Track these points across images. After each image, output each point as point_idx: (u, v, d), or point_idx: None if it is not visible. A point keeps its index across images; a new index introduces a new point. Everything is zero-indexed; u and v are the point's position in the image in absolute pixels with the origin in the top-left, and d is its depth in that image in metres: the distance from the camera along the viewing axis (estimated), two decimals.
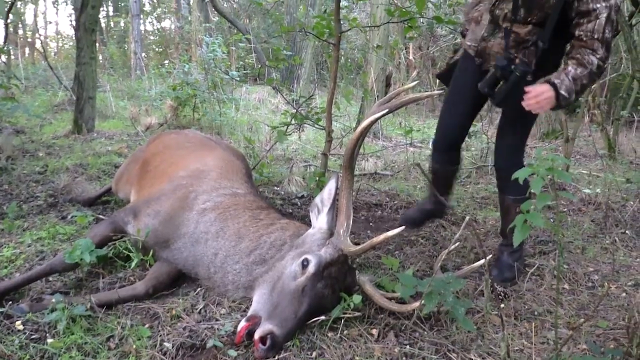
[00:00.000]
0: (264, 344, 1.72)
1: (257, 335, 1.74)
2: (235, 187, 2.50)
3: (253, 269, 2.11)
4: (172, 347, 1.83)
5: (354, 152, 2.15)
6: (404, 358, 1.89)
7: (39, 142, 5.46)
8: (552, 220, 3.81)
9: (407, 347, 1.96)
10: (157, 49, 19.97)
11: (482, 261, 2.02)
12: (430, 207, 2.99)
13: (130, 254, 2.33)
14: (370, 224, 3.55)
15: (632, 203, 4.07)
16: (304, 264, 1.94)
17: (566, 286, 2.64)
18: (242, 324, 1.82)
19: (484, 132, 5.47)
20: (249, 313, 1.87)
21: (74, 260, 1.82)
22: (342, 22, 3.28)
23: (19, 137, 5.48)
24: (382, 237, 1.93)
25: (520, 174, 1.71)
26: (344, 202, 2.13)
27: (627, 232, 3.49)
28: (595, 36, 2.18)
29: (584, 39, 2.19)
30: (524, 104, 2.23)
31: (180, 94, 6.62)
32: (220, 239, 2.21)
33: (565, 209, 4.03)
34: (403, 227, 2.10)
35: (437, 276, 2.03)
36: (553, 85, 2.20)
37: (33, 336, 1.80)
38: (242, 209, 2.33)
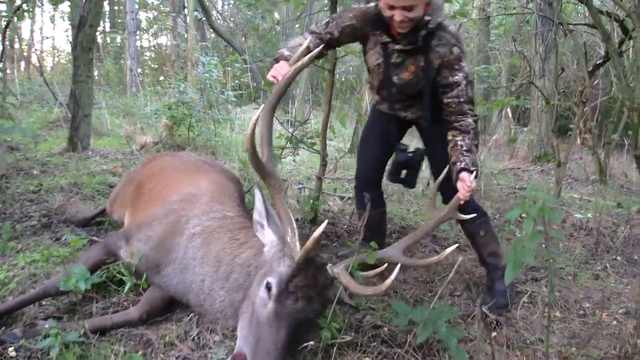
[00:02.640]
0: None
1: None
2: (227, 210, 2.49)
3: (234, 297, 2.07)
4: None
5: (256, 156, 2.02)
6: None
7: (34, 160, 5.45)
8: (544, 246, 3.85)
9: None
10: (152, 66, 20.09)
11: (453, 246, 2.25)
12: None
13: (124, 278, 2.33)
14: None
15: (622, 229, 4.11)
16: (268, 288, 1.87)
17: (558, 314, 2.66)
18: None
19: (477, 157, 5.49)
20: (235, 350, 1.83)
21: (69, 288, 1.83)
22: (336, 48, 3.33)
23: (13, 155, 5.48)
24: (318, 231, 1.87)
25: (511, 215, 1.76)
26: (280, 209, 2.07)
27: (618, 258, 3.53)
28: (462, 100, 2.49)
29: (453, 105, 2.50)
30: (462, 198, 2.45)
31: (176, 114, 6.65)
32: (204, 264, 2.19)
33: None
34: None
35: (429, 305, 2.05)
36: (467, 170, 2.44)
37: None
38: (225, 231, 2.31)
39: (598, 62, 5.89)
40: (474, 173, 2.43)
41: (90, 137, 6.22)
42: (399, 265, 1.98)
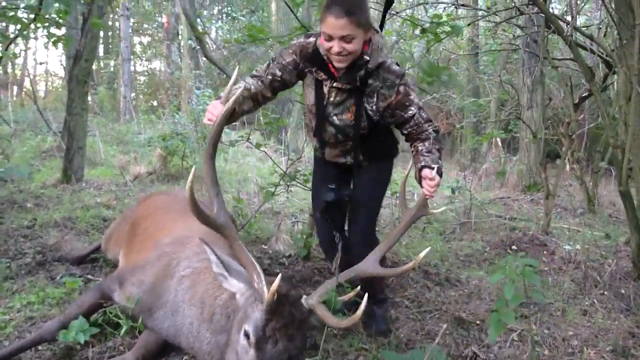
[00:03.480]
0: None
1: None
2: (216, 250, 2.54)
3: (218, 339, 2.08)
4: None
5: (200, 211, 1.97)
6: None
7: (28, 192, 5.47)
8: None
9: None
10: (146, 91, 20.21)
11: (426, 250, 2.17)
12: None
13: (120, 321, 2.36)
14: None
15: (610, 261, 4.18)
16: (246, 335, 1.87)
17: (547, 352, 2.71)
18: None
19: (467, 189, 5.59)
20: None
21: (68, 340, 1.86)
22: None
23: (7, 187, 5.50)
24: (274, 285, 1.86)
25: (493, 279, 1.84)
26: (241, 256, 2.05)
27: (605, 292, 3.59)
28: (420, 124, 2.46)
29: (413, 132, 2.49)
30: (428, 194, 2.40)
31: (170, 145, 6.72)
32: (192, 306, 2.21)
33: (547, 268, 4.14)
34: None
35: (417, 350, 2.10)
36: (427, 167, 2.38)
37: None
38: (210, 271, 2.27)
39: (584, 95, 6.05)
40: (435, 168, 2.35)
41: (84, 168, 6.27)
42: (365, 298, 1.94)
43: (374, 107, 2.47)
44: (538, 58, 5.71)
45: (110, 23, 20.28)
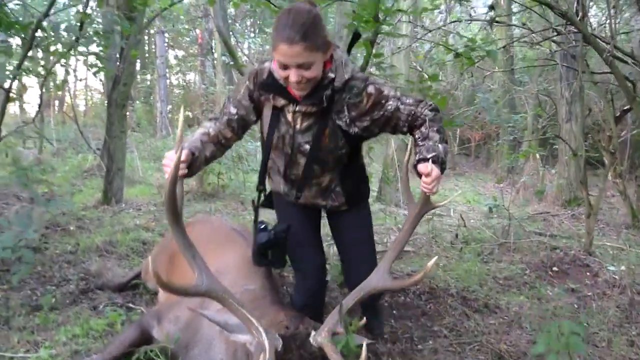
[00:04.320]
0: None
1: None
2: (249, 283, 2.52)
3: None
4: None
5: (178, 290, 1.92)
6: None
7: (70, 215, 5.64)
8: (575, 306, 3.81)
9: None
10: (182, 105, 20.65)
11: (434, 259, 2.03)
12: None
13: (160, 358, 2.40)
14: (393, 311, 3.57)
15: None
16: None
17: None
18: None
19: (505, 207, 5.48)
20: None
21: None
22: None
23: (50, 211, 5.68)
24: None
25: (536, 350, 1.78)
26: (237, 314, 1.96)
27: None
28: (410, 110, 2.20)
29: (411, 123, 2.22)
30: (427, 191, 2.11)
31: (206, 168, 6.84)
32: (221, 342, 2.21)
33: (590, 293, 4.01)
34: None
35: None
36: (423, 160, 2.11)
37: None
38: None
39: (625, 108, 5.88)
40: (429, 160, 2.06)
41: (123, 189, 6.43)
42: (364, 346, 1.81)
43: (347, 120, 2.23)
44: (576, 72, 5.57)
45: (146, 38, 20.87)
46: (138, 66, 23.61)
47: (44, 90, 4.86)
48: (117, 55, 5.90)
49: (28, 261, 2.91)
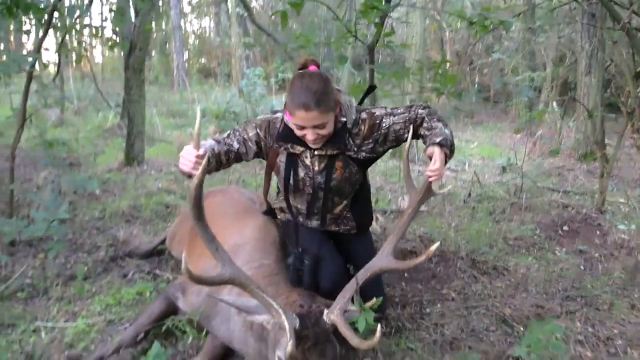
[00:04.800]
0: None
1: None
2: (265, 257, 2.68)
3: (261, 347, 2.23)
4: None
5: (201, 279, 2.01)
6: None
7: (94, 178, 5.86)
8: (581, 267, 3.94)
9: None
10: (198, 54, 20.57)
11: (436, 244, 2.15)
12: None
13: (187, 331, 2.61)
14: (405, 274, 3.75)
15: None
16: (279, 358, 2.02)
17: (588, 353, 2.78)
18: None
19: (519, 166, 5.51)
20: None
21: None
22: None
23: (74, 174, 5.90)
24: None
25: (518, 352, 1.89)
26: (257, 297, 2.08)
27: None
28: (406, 117, 2.40)
29: (411, 125, 2.38)
30: (432, 177, 2.22)
31: (223, 124, 6.97)
32: (239, 314, 2.35)
33: (597, 254, 4.12)
34: None
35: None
36: (435, 143, 2.24)
37: None
38: (256, 280, 2.32)
39: None
40: (437, 144, 2.22)
41: (144, 151, 6.62)
42: (379, 328, 1.94)
43: (354, 148, 2.45)
44: (596, 28, 5.43)
45: None
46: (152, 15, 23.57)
47: (61, 53, 4.92)
48: (132, 20, 5.93)
49: (60, 237, 3.11)
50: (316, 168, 2.47)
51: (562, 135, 7.95)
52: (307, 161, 2.46)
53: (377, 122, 2.42)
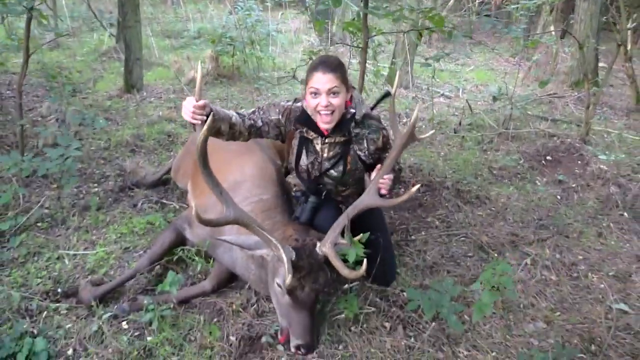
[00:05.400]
0: (300, 352, 2.30)
1: (292, 349, 2.29)
2: (264, 193, 2.91)
3: (261, 273, 2.57)
4: (236, 340, 2.48)
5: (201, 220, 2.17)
6: (407, 350, 2.49)
7: (97, 106, 6.00)
8: (558, 197, 4.24)
9: (411, 339, 2.55)
10: None
11: (416, 186, 2.42)
12: None
13: (195, 260, 2.93)
14: None
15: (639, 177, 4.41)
16: (279, 286, 2.33)
17: (553, 277, 3.13)
18: (280, 336, 2.41)
19: (508, 97, 5.66)
20: (281, 326, 2.40)
21: (165, 289, 2.45)
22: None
23: (77, 101, 6.03)
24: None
25: (475, 286, 2.20)
26: (259, 235, 2.33)
27: (625, 214, 3.88)
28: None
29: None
30: (382, 189, 2.49)
31: (220, 50, 6.98)
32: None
33: (574, 185, 4.40)
34: None
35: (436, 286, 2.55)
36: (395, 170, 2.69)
37: (136, 334, 2.48)
38: (255, 212, 2.69)
39: None
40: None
41: (142, 78, 6.69)
42: (364, 262, 2.24)
43: (366, 151, 2.76)
44: None
45: None
46: None
47: None
48: None
49: (73, 173, 3.35)
50: (325, 154, 2.76)
51: (557, 61, 7.99)
52: (318, 147, 2.75)
53: (388, 147, 2.78)
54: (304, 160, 2.80)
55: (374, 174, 2.53)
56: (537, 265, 3.23)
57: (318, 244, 2.43)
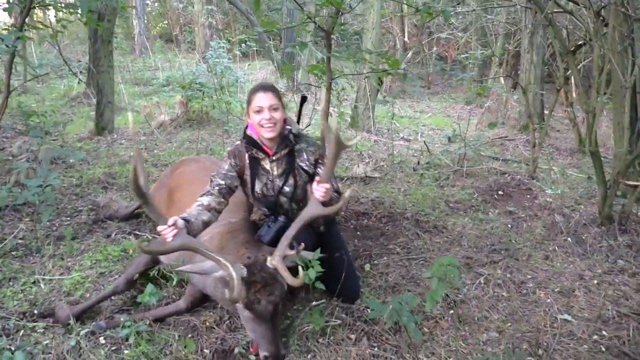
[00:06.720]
0: None
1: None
2: (232, 217, 3.10)
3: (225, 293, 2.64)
4: (210, 353, 2.61)
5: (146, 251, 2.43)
6: (372, 358, 2.67)
7: (67, 146, 6.12)
8: (509, 226, 4.57)
9: (375, 349, 2.74)
10: (159, 24, 20.26)
11: (348, 191, 2.60)
12: None
13: (171, 275, 3.07)
14: (357, 232, 4.29)
15: (582, 208, 4.81)
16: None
17: (504, 293, 3.39)
18: (251, 348, 2.57)
19: (462, 138, 6.09)
20: (250, 338, 2.56)
21: (144, 300, 2.58)
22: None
23: (47, 142, 6.14)
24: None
25: (426, 275, 2.42)
26: (208, 257, 2.46)
27: (569, 239, 4.22)
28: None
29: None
30: (320, 197, 2.63)
31: (190, 95, 7.27)
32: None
33: (523, 215, 4.76)
34: None
35: (397, 297, 2.78)
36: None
37: (113, 348, 2.58)
38: (221, 234, 2.89)
39: (579, 43, 6.38)
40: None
41: (114, 121, 6.89)
42: (301, 272, 2.44)
43: (307, 162, 2.99)
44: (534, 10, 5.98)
45: None
46: None
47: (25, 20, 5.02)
48: None
49: (51, 202, 3.48)
50: (275, 172, 2.97)
51: (507, 107, 8.60)
52: (267, 166, 2.96)
53: (320, 160, 3.00)
54: (258, 185, 2.98)
55: (314, 185, 2.70)
56: (490, 284, 3.49)
57: (269, 258, 2.58)
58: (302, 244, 2.61)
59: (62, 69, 10.57)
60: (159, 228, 2.42)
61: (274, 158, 2.93)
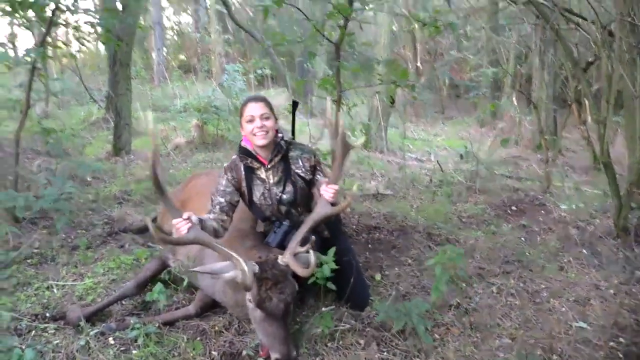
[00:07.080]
0: None
1: None
2: (240, 224, 3.11)
3: (237, 297, 2.71)
4: (218, 355, 2.61)
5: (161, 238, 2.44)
6: None
7: (85, 167, 6.24)
8: (522, 239, 4.52)
9: (385, 353, 2.70)
10: (177, 55, 20.82)
11: (354, 188, 2.70)
12: None
13: (184, 278, 3.09)
14: (369, 245, 4.27)
15: (597, 221, 4.74)
16: (250, 301, 2.49)
17: (517, 302, 3.34)
18: (260, 351, 2.56)
19: (474, 154, 6.09)
20: (260, 342, 2.54)
21: (153, 299, 2.61)
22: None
23: (67, 161, 6.27)
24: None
25: (429, 263, 2.47)
26: (221, 253, 2.49)
27: (584, 250, 4.16)
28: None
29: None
30: (329, 198, 2.69)
31: (205, 118, 7.41)
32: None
33: (537, 229, 4.71)
34: None
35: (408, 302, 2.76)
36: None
37: (122, 349, 2.59)
38: (231, 238, 2.89)
39: (590, 61, 6.40)
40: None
41: (131, 143, 7.03)
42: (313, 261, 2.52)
43: (303, 168, 3.04)
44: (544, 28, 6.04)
45: None
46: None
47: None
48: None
49: (65, 211, 3.55)
50: (272, 180, 3.00)
51: (521, 127, 8.59)
52: (263, 175, 3.00)
53: (318, 167, 3.09)
54: (256, 195, 3.01)
55: (322, 187, 2.75)
56: (502, 293, 3.44)
57: (280, 257, 2.60)
58: (313, 237, 2.64)
59: (84, 96, 10.83)
60: (174, 221, 2.50)
61: (269, 166, 2.98)
